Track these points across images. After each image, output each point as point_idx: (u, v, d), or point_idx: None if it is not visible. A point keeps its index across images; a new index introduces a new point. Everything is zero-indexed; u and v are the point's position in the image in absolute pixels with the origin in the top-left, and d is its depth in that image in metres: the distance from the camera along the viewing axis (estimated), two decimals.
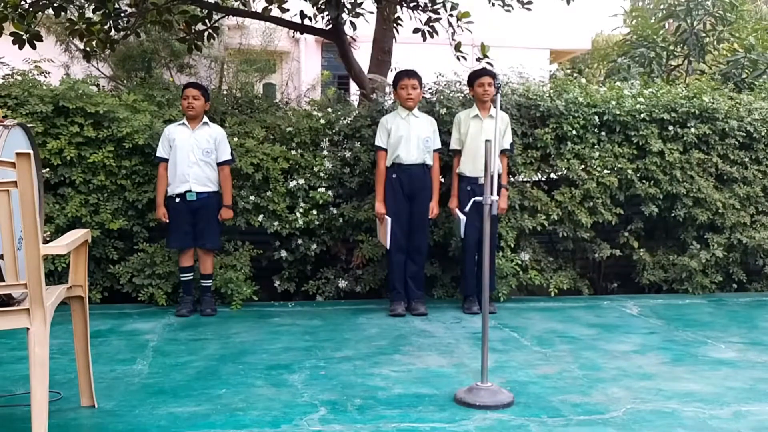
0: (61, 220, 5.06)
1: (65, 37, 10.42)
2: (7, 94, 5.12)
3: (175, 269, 5.24)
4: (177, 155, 4.98)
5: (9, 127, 2.75)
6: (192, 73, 11.24)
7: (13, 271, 2.57)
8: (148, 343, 4.34)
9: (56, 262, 5.00)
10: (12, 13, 6.06)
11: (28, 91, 5.19)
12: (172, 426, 2.99)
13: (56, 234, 4.59)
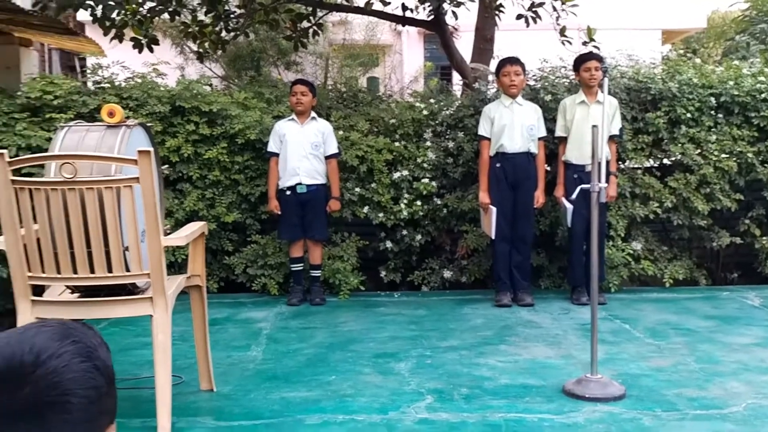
0: (180, 215, 5.33)
1: (179, 39, 10.93)
2: (129, 96, 5.44)
3: (286, 260, 5.42)
4: (287, 149, 5.15)
5: (131, 127, 2.93)
6: (298, 69, 11.53)
7: (137, 261, 2.75)
8: (261, 330, 4.52)
9: (176, 254, 5.28)
10: (131, 19, 6.43)
11: (148, 92, 5.49)
12: (285, 410, 3.11)
13: (176, 227, 4.84)
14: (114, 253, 2.69)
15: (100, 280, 2.72)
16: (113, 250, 2.68)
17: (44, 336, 0.93)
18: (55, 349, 0.92)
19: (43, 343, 0.92)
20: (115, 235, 2.66)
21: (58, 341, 0.93)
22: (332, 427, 2.92)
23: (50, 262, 2.69)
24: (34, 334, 0.93)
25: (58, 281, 2.77)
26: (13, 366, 0.88)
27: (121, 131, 2.85)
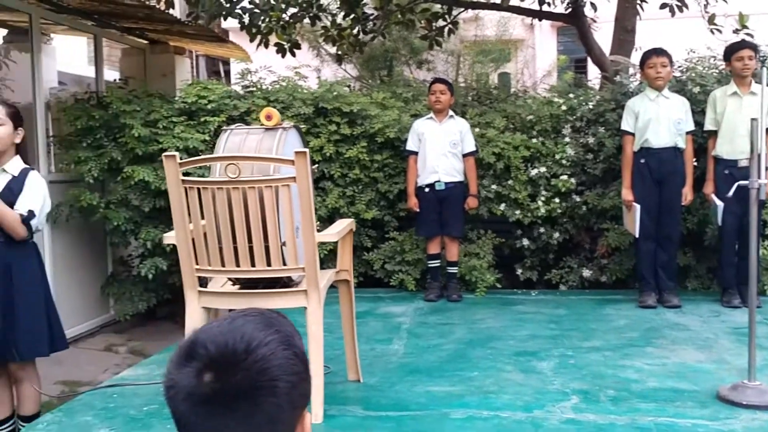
0: (323, 212, 5.55)
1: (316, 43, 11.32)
2: (275, 98, 5.72)
3: (423, 256, 5.50)
4: (426, 148, 5.23)
5: (287, 129, 3.09)
6: (430, 68, 11.61)
7: (293, 256, 2.90)
8: (401, 325, 4.62)
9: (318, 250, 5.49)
10: (276, 25, 6.74)
11: (293, 95, 5.75)
12: (430, 403, 3.18)
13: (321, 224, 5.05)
14: (273, 248, 2.85)
15: (260, 273, 2.90)
16: (272, 245, 2.85)
17: (251, 326, 1.03)
18: (262, 338, 1.01)
19: (252, 333, 1.01)
20: (273, 231, 2.83)
21: (263, 330, 1.03)
22: (477, 423, 2.95)
23: (215, 256, 2.89)
24: (242, 324, 1.03)
25: (222, 273, 2.98)
26: (227, 354, 0.98)
27: (278, 133, 3.01)
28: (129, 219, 5.55)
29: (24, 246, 3.35)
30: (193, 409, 0.95)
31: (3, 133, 3.29)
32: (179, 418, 0.97)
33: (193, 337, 1.00)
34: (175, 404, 0.97)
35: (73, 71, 8.48)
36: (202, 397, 0.95)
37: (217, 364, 0.96)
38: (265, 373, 0.97)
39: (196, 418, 0.95)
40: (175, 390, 0.97)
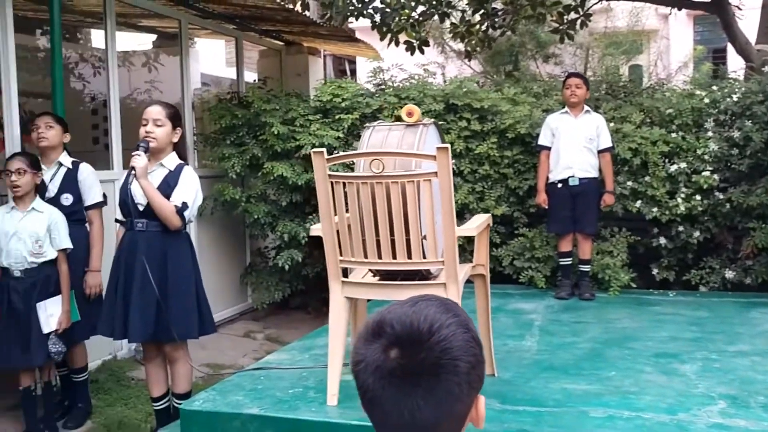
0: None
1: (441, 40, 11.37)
2: (407, 96, 5.81)
3: (553, 253, 5.43)
4: (560, 143, 5.15)
5: (427, 126, 3.15)
6: (557, 62, 11.39)
7: (433, 249, 2.96)
8: (533, 322, 4.59)
9: None
10: (406, 23, 6.85)
11: (423, 92, 5.83)
12: (567, 401, 3.15)
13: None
14: (413, 241, 2.92)
15: (401, 265, 2.97)
16: (413, 238, 2.91)
17: (433, 309, 1.09)
18: (444, 320, 1.07)
19: (434, 315, 1.07)
20: (415, 225, 2.89)
21: (444, 314, 1.09)
22: (618, 422, 2.89)
23: (359, 248, 2.99)
24: (425, 307, 1.09)
25: (364, 265, 3.08)
26: (412, 333, 1.05)
27: (419, 129, 3.08)
28: (267, 213, 5.83)
29: (178, 235, 3.61)
30: (379, 382, 1.03)
31: (162, 133, 3.56)
32: (365, 390, 1.05)
33: (380, 317, 1.08)
34: (362, 377, 1.05)
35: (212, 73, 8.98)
36: (388, 371, 1.02)
37: (402, 342, 1.03)
38: (447, 353, 1.03)
39: (382, 390, 1.03)
40: (364, 364, 1.05)
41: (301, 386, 3.30)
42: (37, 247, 3.75)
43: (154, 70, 7.85)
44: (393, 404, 1.03)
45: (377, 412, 1.05)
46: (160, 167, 3.58)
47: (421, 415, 1.02)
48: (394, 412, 1.03)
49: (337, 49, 8.93)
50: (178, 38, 6.23)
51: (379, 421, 1.06)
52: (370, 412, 1.07)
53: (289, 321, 6.59)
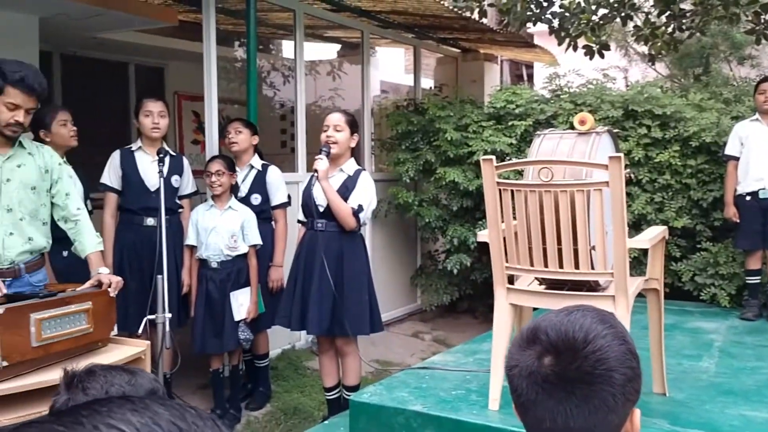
0: (628, 218, 5.38)
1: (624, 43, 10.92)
2: (583, 102, 5.69)
3: (740, 271, 5.07)
4: (750, 153, 4.81)
5: (600, 134, 3.10)
6: (753, 64, 10.54)
7: (602, 260, 2.91)
8: (712, 342, 4.33)
9: None
10: (585, 27, 6.69)
11: (601, 97, 5.67)
12: (745, 428, 2.96)
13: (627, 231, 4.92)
14: (581, 251, 2.89)
15: (567, 275, 2.95)
16: (581, 248, 2.88)
17: (589, 319, 1.11)
18: (599, 330, 1.09)
19: (590, 325, 1.10)
20: (583, 235, 2.86)
21: (600, 324, 1.11)
22: None
23: (524, 255, 3.01)
24: (581, 316, 1.12)
25: (530, 273, 3.09)
26: (567, 341, 1.08)
27: (591, 138, 3.04)
28: (438, 217, 5.96)
29: (354, 236, 3.82)
30: (533, 387, 1.07)
31: (341, 138, 3.79)
32: (519, 393, 1.10)
33: (535, 324, 1.12)
34: (516, 381, 1.10)
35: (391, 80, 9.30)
36: (542, 377, 1.06)
37: (557, 350, 1.07)
38: (602, 363, 1.05)
39: (536, 395, 1.07)
40: (518, 369, 1.10)
41: (464, 388, 3.37)
42: (232, 242, 4.13)
43: (337, 78, 8.29)
44: (545, 410, 1.07)
45: (530, 417, 1.09)
46: (340, 172, 3.81)
47: (574, 423, 1.05)
48: (547, 417, 1.06)
49: (514, 54, 8.90)
50: (358, 48, 6.53)
51: (532, 426, 1.10)
52: (524, 417, 1.11)
53: (456, 324, 6.68)
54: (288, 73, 8.21)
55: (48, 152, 3.09)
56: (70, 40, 6.22)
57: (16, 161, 2.93)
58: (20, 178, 2.92)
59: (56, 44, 6.30)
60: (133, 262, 4.09)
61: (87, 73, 6.95)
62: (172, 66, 7.68)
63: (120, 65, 7.33)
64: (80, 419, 0.47)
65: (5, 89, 2.80)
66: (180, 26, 5.94)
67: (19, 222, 2.93)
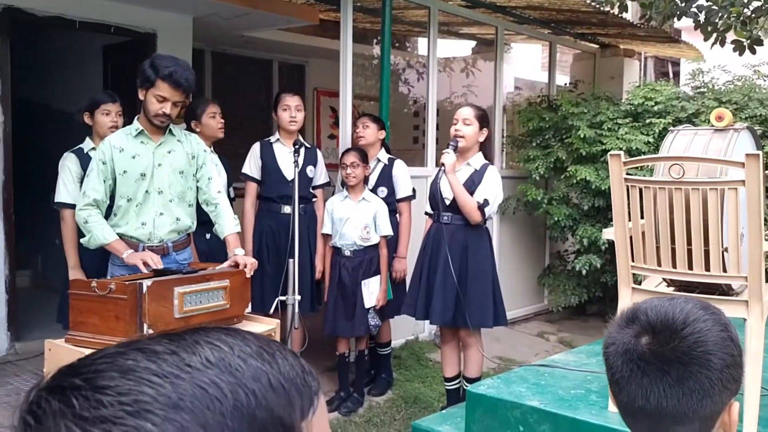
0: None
1: None
2: (728, 99, 5.40)
3: None
4: None
5: (738, 131, 2.96)
6: None
7: (735, 263, 2.78)
8: None
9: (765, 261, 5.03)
10: (735, 21, 6.31)
11: (748, 95, 5.35)
12: None
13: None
14: (713, 253, 2.78)
15: (697, 277, 2.84)
16: (713, 249, 2.77)
17: (690, 304, 1.12)
18: (700, 315, 1.10)
19: (690, 309, 1.11)
20: (715, 236, 2.75)
21: (701, 310, 1.11)
22: None
23: (652, 255, 2.93)
24: (683, 301, 1.13)
25: (657, 273, 3.00)
26: (665, 322, 1.09)
27: (728, 135, 2.91)
28: (568, 216, 5.85)
29: (479, 230, 3.86)
30: (628, 365, 1.09)
31: (470, 132, 3.83)
32: (614, 371, 1.12)
33: (635, 306, 1.15)
34: (612, 359, 1.13)
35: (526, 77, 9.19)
36: (638, 355, 1.08)
37: (655, 329, 1.09)
38: (700, 345, 1.06)
39: (630, 373, 1.09)
40: (615, 347, 1.12)
41: (583, 388, 3.32)
42: (365, 233, 4.28)
43: (471, 74, 8.31)
44: (639, 387, 1.08)
45: (623, 395, 1.11)
46: (467, 166, 3.86)
47: (667, 403, 1.06)
48: (639, 395, 1.08)
49: (656, 50, 8.54)
50: (493, 44, 6.53)
51: (625, 404, 1.12)
52: (617, 395, 1.13)
53: (584, 327, 6.53)
54: (422, 70, 8.33)
55: (195, 139, 3.36)
56: (220, 38, 6.66)
57: (166, 147, 3.21)
58: (170, 163, 3.20)
59: (208, 42, 6.76)
60: (271, 247, 4.34)
61: (234, 69, 7.40)
62: (313, 63, 8.02)
63: (265, 62, 7.74)
64: (183, 336, 0.57)
65: (156, 82, 3.07)
66: (320, 25, 6.20)
67: (169, 203, 3.20)
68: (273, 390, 0.54)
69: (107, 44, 5.84)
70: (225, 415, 0.51)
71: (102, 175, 3.11)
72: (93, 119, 3.86)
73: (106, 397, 0.50)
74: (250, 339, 0.58)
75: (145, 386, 0.51)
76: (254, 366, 0.55)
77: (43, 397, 0.52)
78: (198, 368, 0.53)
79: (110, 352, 0.55)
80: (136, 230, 3.17)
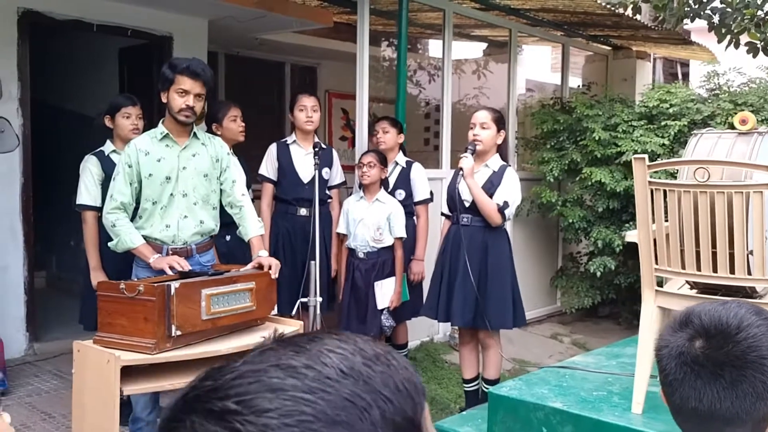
0: None
1: None
2: (744, 102, 5.40)
3: None
4: None
5: (762, 134, 2.96)
6: None
7: (760, 266, 2.79)
8: None
9: None
10: (749, 23, 6.31)
11: (764, 97, 5.36)
12: None
13: None
14: (738, 256, 2.78)
15: (721, 279, 2.85)
16: (738, 252, 2.78)
17: (744, 309, 1.14)
18: (754, 320, 1.11)
19: (744, 314, 1.12)
20: (741, 238, 2.75)
21: (755, 315, 1.13)
22: None
23: (676, 258, 2.94)
24: (736, 306, 1.14)
25: (681, 276, 3.01)
26: (720, 326, 1.11)
27: (753, 138, 2.92)
28: (582, 218, 5.86)
29: (498, 231, 3.88)
30: (681, 367, 1.11)
31: (487, 136, 3.85)
32: (667, 373, 1.14)
33: (689, 310, 1.16)
34: (665, 361, 1.14)
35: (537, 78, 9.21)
36: (691, 358, 1.10)
37: (708, 333, 1.10)
38: (753, 350, 1.07)
39: (684, 375, 1.11)
40: (668, 349, 1.14)
41: (605, 390, 3.33)
42: (378, 234, 4.30)
43: (482, 76, 8.32)
44: (692, 389, 1.10)
45: (676, 396, 1.13)
46: (485, 168, 3.88)
47: (721, 405, 1.08)
48: (693, 397, 1.10)
49: (669, 52, 8.54)
50: (505, 46, 6.54)
51: (677, 405, 1.14)
52: (670, 396, 1.15)
53: (596, 329, 6.54)
54: (433, 72, 8.35)
55: (219, 142, 3.38)
56: (233, 41, 6.68)
57: (191, 151, 3.23)
58: (195, 166, 3.22)
59: (221, 45, 6.79)
60: (287, 249, 4.35)
61: (247, 71, 7.43)
62: (325, 65, 8.04)
63: (277, 64, 7.77)
64: (303, 345, 0.59)
65: (175, 78, 3.10)
66: (333, 27, 6.22)
67: (193, 206, 3.23)
68: (399, 392, 0.56)
69: (123, 47, 5.87)
70: (375, 424, 0.53)
71: (128, 178, 3.13)
72: (114, 122, 3.88)
73: (272, 420, 0.51)
74: (361, 343, 0.60)
75: (302, 405, 0.52)
76: (379, 371, 0.57)
77: (197, 422, 0.53)
78: (337, 380, 0.54)
79: (245, 370, 0.56)
80: (160, 232, 3.20)
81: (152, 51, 5.56)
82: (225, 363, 0.59)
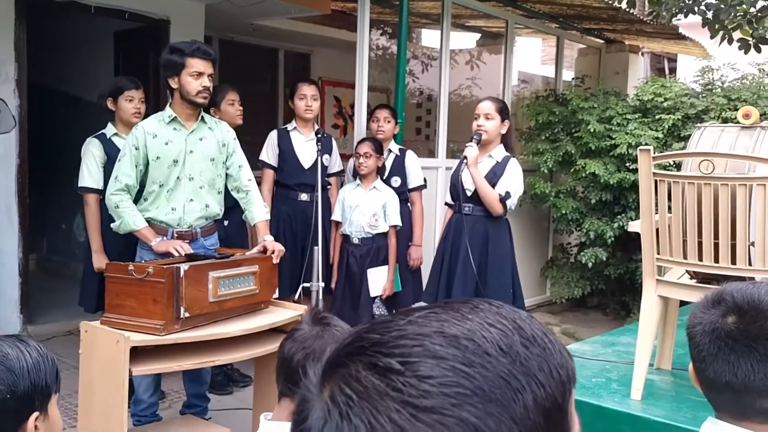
0: None
1: None
2: (737, 97, 5.47)
3: None
4: None
5: (765, 128, 3.02)
6: None
7: (761, 257, 2.84)
8: None
9: None
10: (741, 20, 6.39)
11: (757, 93, 5.43)
12: None
13: None
14: (740, 247, 2.84)
15: (724, 270, 2.91)
16: (739, 243, 2.83)
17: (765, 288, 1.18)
18: None
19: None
20: (743, 230, 2.81)
21: None
22: None
23: (678, 248, 2.99)
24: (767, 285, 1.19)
25: (683, 265, 3.06)
26: (752, 302, 1.15)
27: (755, 132, 2.97)
28: (575, 209, 5.92)
29: (499, 221, 3.91)
30: (715, 342, 1.15)
31: (492, 126, 3.88)
32: (700, 349, 1.18)
33: (720, 289, 1.20)
34: (698, 338, 1.18)
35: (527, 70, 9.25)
36: (725, 333, 1.14)
37: (741, 309, 1.14)
38: None
39: (717, 350, 1.15)
40: (701, 326, 1.18)
41: (604, 377, 3.39)
42: (373, 221, 4.32)
43: (475, 67, 8.35)
44: (726, 363, 1.14)
45: (710, 371, 1.17)
46: (489, 158, 3.91)
47: (755, 377, 1.12)
48: (727, 371, 1.14)
49: (661, 47, 8.62)
50: (499, 37, 6.57)
51: (711, 380, 1.17)
52: (702, 372, 1.18)
53: (585, 319, 6.61)
54: (427, 62, 8.36)
55: (225, 127, 3.38)
56: (228, 26, 6.65)
57: (198, 135, 3.23)
58: (202, 150, 3.22)
59: (216, 29, 6.75)
60: (287, 234, 4.36)
61: (241, 57, 7.39)
62: (318, 52, 8.02)
63: (271, 50, 7.74)
64: (466, 314, 0.58)
65: (186, 61, 3.09)
66: (328, 14, 6.21)
67: (199, 190, 3.23)
68: (552, 378, 0.56)
69: (119, 30, 5.82)
70: (528, 408, 0.52)
71: (134, 160, 3.12)
72: (116, 105, 3.86)
73: (432, 388, 0.51)
74: (520, 320, 0.59)
75: (461, 377, 0.52)
76: (536, 354, 0.56)
77: (361, 372, 0.53)
78: (496, 357, 0.54)
79: (410, 331, 0.55)
80: (166, 215, 3.20)
81: (148, 34, 5.52)
82: (389, 317, 0.58)
